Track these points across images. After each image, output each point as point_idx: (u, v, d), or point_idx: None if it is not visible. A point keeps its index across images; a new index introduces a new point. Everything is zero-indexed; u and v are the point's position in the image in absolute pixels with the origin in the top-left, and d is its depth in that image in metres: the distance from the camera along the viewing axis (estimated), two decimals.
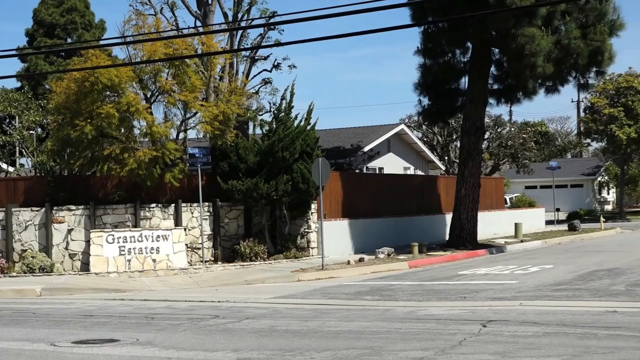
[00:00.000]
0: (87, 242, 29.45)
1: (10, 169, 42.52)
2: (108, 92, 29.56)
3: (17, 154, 43.34)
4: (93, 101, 28.82)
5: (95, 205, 30.09)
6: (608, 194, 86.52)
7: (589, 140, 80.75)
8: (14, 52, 38.73)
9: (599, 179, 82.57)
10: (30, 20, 62.38)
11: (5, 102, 41.74)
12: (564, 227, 52.26)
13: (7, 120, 43.83)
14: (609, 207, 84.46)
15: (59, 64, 54.54)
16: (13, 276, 27.94)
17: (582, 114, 78.57)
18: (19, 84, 57.04)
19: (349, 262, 30.56)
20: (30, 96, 43.72)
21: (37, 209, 29.84)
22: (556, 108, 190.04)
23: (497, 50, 36.53)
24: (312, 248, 32.82)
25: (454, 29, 35.35)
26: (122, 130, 29.71)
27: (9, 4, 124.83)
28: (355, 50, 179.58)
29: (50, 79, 37.90)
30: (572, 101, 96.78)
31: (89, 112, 28.78)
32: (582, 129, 78.01)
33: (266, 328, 15.95)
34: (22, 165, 42.89)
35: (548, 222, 56.07)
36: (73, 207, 29.89)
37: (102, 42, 47.41)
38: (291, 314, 18.47)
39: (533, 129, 71.81)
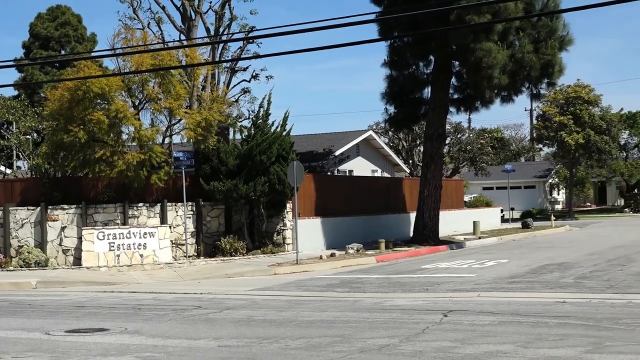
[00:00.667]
0: (79, 238, 29.40)
1: (8, 171, 42.41)
2: (99, 100, 29.51)
3: (15, 157, 43.08)
4: (85, 108, 28.84)
5: (87, 205, 30.10)
6: (558, 194, 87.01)
7: (540, 146, 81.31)
8: (11, 63, 38.58)
9: (549, 181, 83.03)
10: (27, 33, 62.21)
11: (4, 109, 41.57)
12: (518, 225, 52.52)
13: (5, 125, 43.61)
14: (559, 207, 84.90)
15: (54, 74, 54.24)
16: (10, 270, 27.78)
17: (534, 122, 79.08)
18: (16, 92, 56.74)
19: (321, 257, 30.59)
20: (26, 104, 43.57)
21: (32, 208, 29.80)
22: (511, 116, 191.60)
23: (457, 63, 36.64)
24: (287, 244, 32.82)
25: (418, 43, 35.43)
26: (112, 135, 29.64)
27: (7, 18, 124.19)
28: (327, 62, 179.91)
29: (45, 88, 37.73)
30: (526, 110, 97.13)
31: (81, 119, 28.81)
32: (534, 135, 78.65)
33: (245, 318, 15.92)
34: (19, 167, 42.66)
35: (503, 221, 56.35)
36: (66, 207, 29.86)
37: (93, 54, 47.16)
38: (268, 304, 18.45)
39: (490, 135, 72.09)
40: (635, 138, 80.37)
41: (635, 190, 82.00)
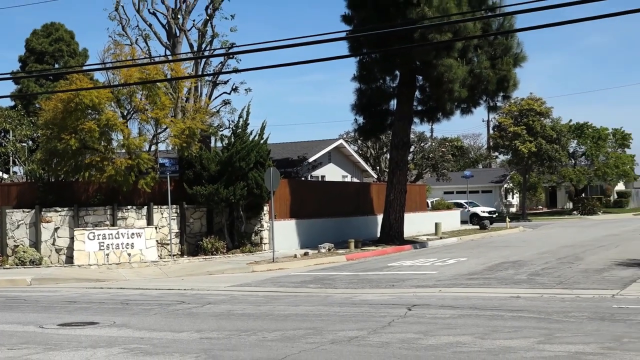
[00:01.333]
0: (71, 238, 29.30)
1: (5, 175, 42.16)
2: (90, 111, 29.43)
3: (11, 163, 42.80)
4: (77, 118, 28.81)
5: (79, 207, 30.08)
6: (512, 198, 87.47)
7: (496, 154, 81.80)
8: (8, 76, 38.34)
9: (505, 185, 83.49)
10: (23, 48, 61.88)
11: (1, 118, 41.37)
12: (476, 226, 52.73)
13: (2, 134, 43.39)
14: (513, 210, 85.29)
15: (48, 86, 53.91)
16: (6, 268, 27.68)
17: (491, 132, 79.41)
18: (13, 103, 56.34)
19: (295, 256, 30.56)
20: (22, 113, 43.27)
21: (28, 210, 29.74)
22: (470, 126, 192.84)
23: (421, 77, 36.75)
24: (264, 244, 32.76)
25: (385, 59, 35.51)
26: (102, 143, 29.60)
27: (4, 34, 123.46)
28: (302, 76, 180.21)
29: (40, 99, 37.44)
30: (483, 120, 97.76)
31: (73, 128, 28.75)
32: (491, 144, 78.97)
33: (225, 312, 15.90)
34: (15, 172, 42.35)
35: (463, 222, 56.51)
36: (59, 209, 29.78)
37: (85, 68, 47.01)
38: (246, 299, 18.42)
39: (450, 144, 72.41)
40: (583, 147, 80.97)
41: (583, 195, 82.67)
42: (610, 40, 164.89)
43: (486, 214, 58.72)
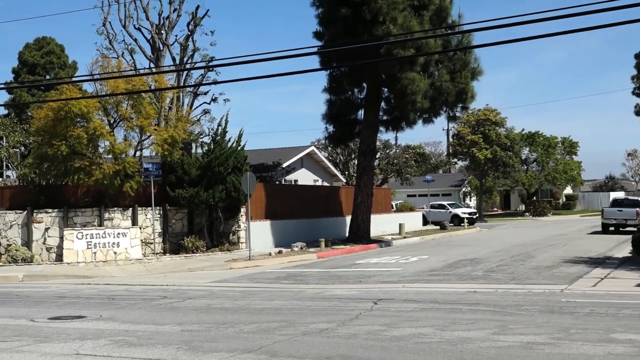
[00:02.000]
0: (61, 238, 29.14)
1: None
2: (79, 119, 29.30)
3: (4, 167, 42.45)
4: (67, 126, 28.73)
5: (68, 209, 29.92)
6: (470, 200, 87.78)
7: (455, 160, 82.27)
8: (2, 86, 37.96)
9: (463, 189, 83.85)
10: (16, 60, 61.32)
11: None
12: (437, 227, 52.91)
13: None
14: (471, 211, 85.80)
15: (39, 95, 53.37)
16: (0, 265, 27.39)
17: (450, 140, 79.79)
18: (6, 112, 55.86)
19: (270, 254, 30.52)
20: (15, 121, 43.13)
21: (20, 211, 29.57)
22: (431, 134, 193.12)
23: (386, 89, 36.83)
24: (241, 243, 32.67)
25: (353, 72, 35.60)
26: (90, 149, 29.44)
27: None
28: (277, 88, 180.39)
29: (32, 108, 37.14)
30: (443, 129, 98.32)
31: (63, 135, 28.65)
32: (450, 151, 79.36)
33: (204, 306, 15.84)
34: (8, 176, 41.98)
35: (425, 223, 56.71)
36: (50, 210, 29.62)
37: (74, 79, 46.47)
38: (224, 294, 18.37)
39: (413, 151, 72.62)
40: (534, 154, 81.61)
41: (534, 198, 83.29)
42: (559, 55, 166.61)
43: (466, 215, 58.61)
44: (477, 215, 60.83)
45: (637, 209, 41.65)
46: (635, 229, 37.74)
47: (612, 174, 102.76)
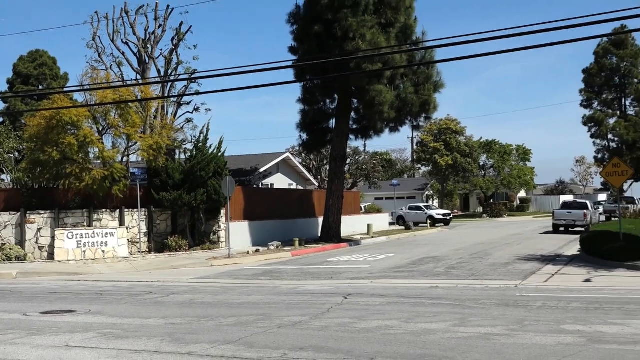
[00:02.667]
0: (53, 237, 28.94)
1: None
2: (70, 127, 29.18)
3: None
4: (58, 133, 28.65)
5: (59, 210, 29.75)
6: (432, 203, 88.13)
7: (419, 166, 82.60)
8: None
9: (426, 192, 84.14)
10: (11, 71, 60.64)
11: None
12: (402, 227, 53.09)
13: None
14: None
15: (33, 105, 52.81)
16: None
17: (414, 147, 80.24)
18: (1, 120, 55.31)
19: (248, 252, 30.48)
20: (10, 128, 42.74)
21: (14, 212, 29.33)
22: (397, 142, 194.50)
23: (356, 100, 36.89)
24: (221, 242, 32.58)
25: (325, 84, 35.65)
26: (81, 155, 29.26)
27: None
28: (255, 98, 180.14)
29: (26, 116, 36.83)
30: (408, 137, 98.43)
31: (55, 141, 28.57)
32: (414, 157, 79.72)
33: (187, 301, 15.77)
34: (3, 180, 41.49)
35: (391, 224, 56.85)
36: (42, 212, 29.42)
37: (65, 90, 46.11)
38: (205, 290, 18.29)
39: (380, 157, 72.99)
40: (491, 160, 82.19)
41: (491, 200, 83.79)
42: (514, 69, 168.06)
43: (440, 216, 58.58)
44: (451, 216, 60.70)
45: (585, 211, 42.07)
46: (583, 229, 38.15)
47: (562, 179, 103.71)
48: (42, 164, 29.16)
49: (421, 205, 62.49)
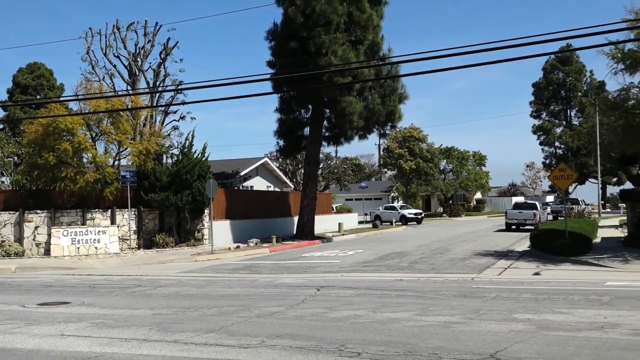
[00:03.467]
0: (49, 235, 28.74)
1: None
2: (65, 133, 29.08)
3: None
4: (54, 139, 28.68)
5: (55, 210, 29.63)
6: (397, 203, 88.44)
7: (385, 170, 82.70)
8: None
9: (392, 194, 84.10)
10: (10, 82, 59.99)
11: None
12: (370, 225, 53.20)
13: None
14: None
15: (31, 113, 52.24)
16: None
17: (381, 153, 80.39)
18: (1, 126, 54.59)
19: (230, 249, 30.38)
20: (9, 134, 42.33)
21: (13, 212, 29.21)
22: (365, 148, 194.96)
23: (328, 110, 36.89)
24: (205, 239, 32.44)
25: (300, 96, 35.65)
26: (75, 159, 29.18)
27: None
28: (236, 108, 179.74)
29: (24, 123, 36.41)
30: (375, 144, 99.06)
31: (51, 147, 28.54)
32: (381, 162, 79.85)
33: (173, 293, 15.69)
34: (2, 182, 41.05)
35: (360, 222, 56.94)
36: (39, 211, 29.29)
37: (61, 99, 45.66)
38: (190, 283, 18.20)
39: (350, 162, 73.18)
40: (450, 165, 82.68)
41: (450, 201, 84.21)
42: (471, 84, 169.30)
43: (412, 215, 58.40)
44: (422, 215, 60.50)
45: (534, 211, 42.48)
46: (532, 228, 38.49)
47: (514, 182, 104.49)
48: (39, 167, 29.05)
49: (395, 205, 62.56)
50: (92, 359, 8.44)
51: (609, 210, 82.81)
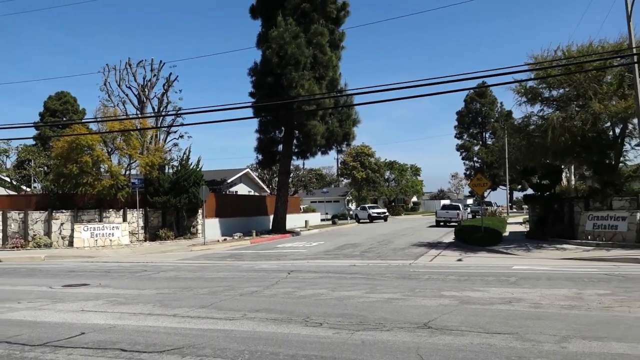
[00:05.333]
0: (72, 230, 28.31)
1: (28, 189, 40.16)
2: (86, 149, 28.74)
3: (32, 181, 40.88)
4: (77, 153, 28.36)
5: (77, 210, 29.17)
6: (351, 205, 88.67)
7: (342, 178, 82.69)
8: (32, 124, 36.55)
9: (347, 198, 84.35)
10: (42, 107, 58.98)
11: (27, 152, 40.28)
12: (330, 222, 53.26)
13: (27, 162, 41.45)
14: (352, 212, 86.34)
15: (58, 132, 51.14)
16: (28, 249, 26.37)
17: (339, 165, 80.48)
18: (34, 142, 53.51)
19: (218, 241, 30.14)
20: (40, 149, 41.72)
21: (43, 211, 28.75)
22: (326, 161, 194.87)
23: (297, 131, 36.89)
24: (199, 233, 32.14)
25: (275, 120, 35.60)
26: (94, 169, 28.82)
27: (29, 98, 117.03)
28: (225, 129, 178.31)
29: (53, 140, 35.86)
30: (334, 158, 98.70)
31: (74, 159, 28.24)
32: (339, 172, 79.92)
33: (172, 276, 15.50)
34: (35, 187, 40.35)
35: (322, 220, 56.95)
36: (64, 211, 28.83)
37: (83, 121, 44.92)
38: (186, 268, 18.00)
39: (315, 172, 73.02)
40: (393, 175, 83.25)
41: (393, 203, 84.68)
42: (409, 112, 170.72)
43: (376, 214, 56.54)
44: (387, 214, 59.59)
45: (458, 211, 43.01)
46: (456, 224, 38.96)
47: (442, 188, 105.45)
48: (64, 175, 28.72)
49: (366, 206, 62.28)
50: (106, 330, 8.30)
51: (515, 210, 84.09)
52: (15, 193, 36.09)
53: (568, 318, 8.35)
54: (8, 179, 38.68)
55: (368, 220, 55.42)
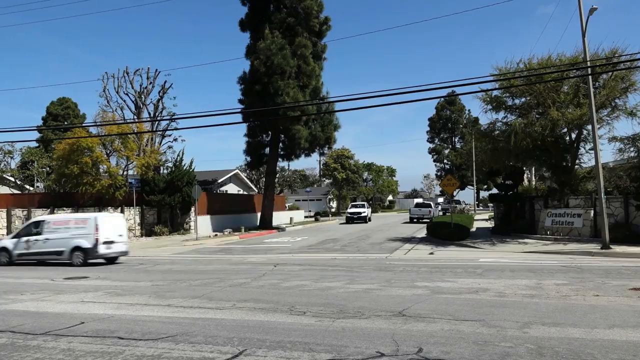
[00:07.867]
0: None
1: (31, 188, 39.56)
2: (86, 150, 28.54)
3: (36, 181, 40.28)
4: (78, 155, 28.24)
5: (78, 207, 29.03)
6: (333, 204, 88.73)
7: (324, 179, 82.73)
8: (35, 128, 36.21)
9: (329, 196, 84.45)
10: (45, 111, 58.05)
11: (30, 154, 39.69)
12: (313, 219, 53.20)
13: (31, 163, 40.85)
14: (334, 210, 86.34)
15: (60, 135, 50.56)
16: None
17: (321, 166, 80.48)
18: (37, 145, 52.70)
19: (210, 236, 29.98)
20: (43, 151, 41.15)
21: (46, 209, 28.58)
22: (309, 163, 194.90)
23: (283, 135, 36.83)
24: (191, 229, 31.89)
25: (263, 125, 35.56)
26: (93, 170, 28.55)
27: (31, 103, 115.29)
28: (216, 132, 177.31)
29: (55, 143, 35.44)
30: (317, 160, 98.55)
31: (75, 161, 28.09)
32: (321, 173, 79.94)
33: (167, 269, 15.38)
34: (38, 186, 39.73)
35: (306, 217, 56.86)
36: (66, 208, 28.61)
37: (83, 125, 44.35)
38: (180, 261, 17.87)
39: (299, 173, 72.93)
40: (370, 175, 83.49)
41: (371, 202, 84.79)
42: (386, 117, 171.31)
43: (356, 215, 56.10)
44: (370, 213, 58.99)
45: (430, 208, 43.29)
46: (428, 220, 39.17)
47: (415, 188, 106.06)
48: (66, 175, 28.48)
49: (357, 204, 61.58)
50: (105, 319, 8.19)
51: (481, 208, 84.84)
52: (19, 192, 35.59)
53: (529, 306, 8.43)
54: (12, 179, 38.13)
55: (337, 218, 54.88)
